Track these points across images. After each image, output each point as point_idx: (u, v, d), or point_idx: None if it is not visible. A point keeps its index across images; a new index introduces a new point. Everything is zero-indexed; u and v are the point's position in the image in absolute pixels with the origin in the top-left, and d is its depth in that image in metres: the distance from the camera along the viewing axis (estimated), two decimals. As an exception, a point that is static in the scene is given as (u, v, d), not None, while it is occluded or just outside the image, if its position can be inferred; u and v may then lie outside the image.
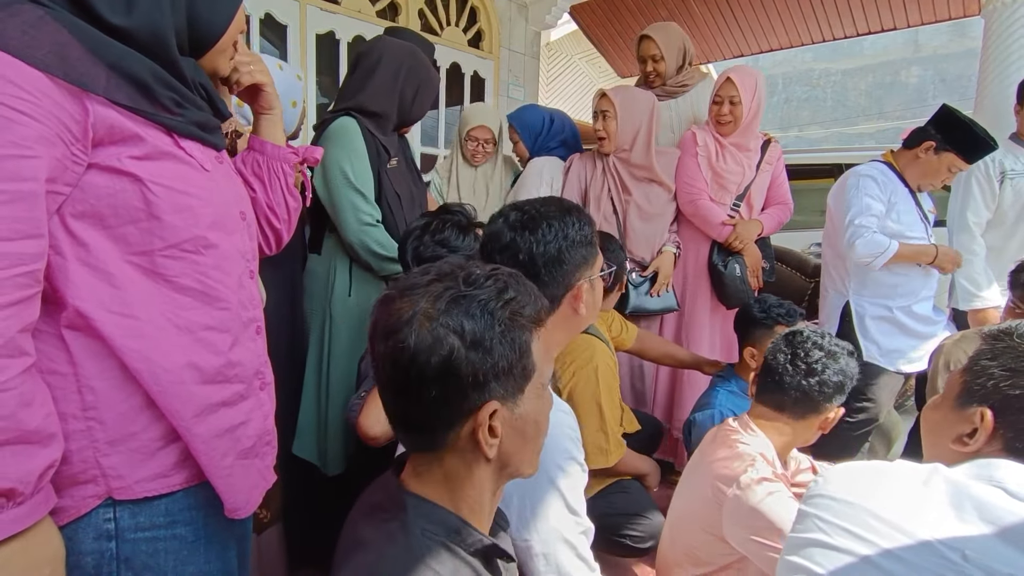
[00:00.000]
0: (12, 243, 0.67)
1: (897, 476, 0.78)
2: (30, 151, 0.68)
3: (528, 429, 0.77)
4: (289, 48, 3.47)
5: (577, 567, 0.98)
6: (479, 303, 0.71)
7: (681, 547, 1.43)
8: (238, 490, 0.88)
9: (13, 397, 0.66)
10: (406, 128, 1.94)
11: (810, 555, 0.76)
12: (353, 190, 1.74)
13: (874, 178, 2.24)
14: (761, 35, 4.79)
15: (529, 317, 0.75)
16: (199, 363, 0.83)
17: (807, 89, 12.40)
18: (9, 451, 0.65)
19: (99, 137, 0.75)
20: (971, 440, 0.82)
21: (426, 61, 1.89)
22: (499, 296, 0.73)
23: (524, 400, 0.75)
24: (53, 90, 0.70)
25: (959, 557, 0.67)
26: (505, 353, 0.71)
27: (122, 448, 0.78)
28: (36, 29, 0.69)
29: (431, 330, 0.69)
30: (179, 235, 0.81)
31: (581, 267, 1.07)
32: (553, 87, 8.04)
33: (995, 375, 0.81)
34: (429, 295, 0.71)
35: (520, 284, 0.77)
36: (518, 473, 0.80)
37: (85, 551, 0.78)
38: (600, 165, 2.48)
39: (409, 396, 0.72)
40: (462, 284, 0.72)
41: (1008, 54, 2.68)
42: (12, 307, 0.67)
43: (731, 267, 2.38)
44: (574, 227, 1.06)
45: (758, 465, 1.30)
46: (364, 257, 1.79)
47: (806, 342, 1.40)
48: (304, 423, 1.83)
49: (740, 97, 2.32)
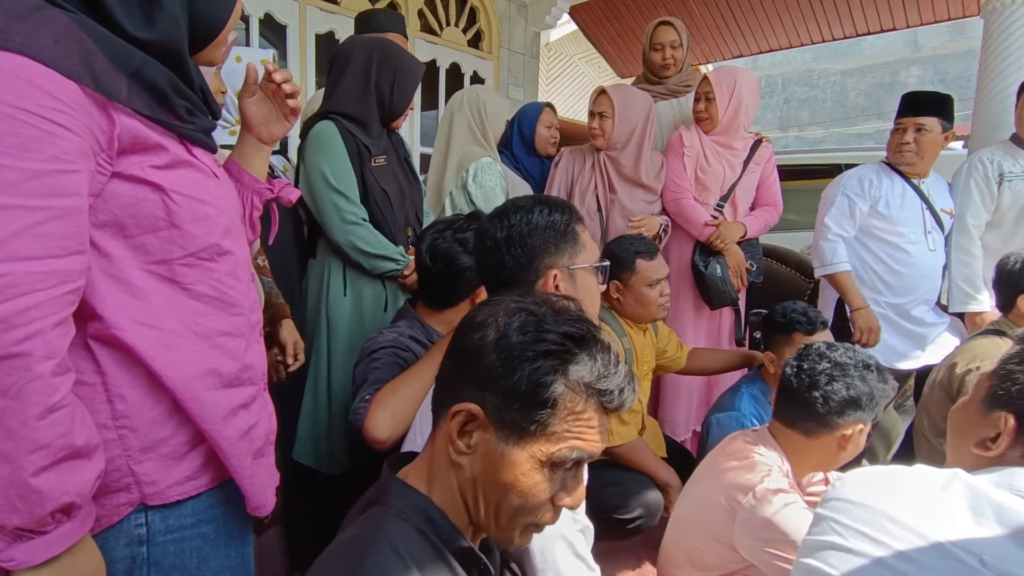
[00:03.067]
0: (61, 260, 0.67)
1: (916, 480, 0.77)
2: (72, 165, 0.68)
3: (503, 475, 0.70)
4: (289, 48, 3.46)
5: (574, 565, 0.98)
6: (539, 326, 0.71)
7: (684, 549, 1.43)
8: (259, 488, 0.90)
9: (68, 414, 0.67)
10: (396, 122, 1.91)
11: (825, 557, 0.76)
12: (334, 191, 1.76)
13: (860, 177, 2.31)
14: (760, 35, 4.79)
15: (579, 380, 0.70)
16: (219, 368, 0.84)
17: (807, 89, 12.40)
18: (66, 467, 0.67)
19: (123, 147, 0.75)
20: (993, 445, 0.81)
21: (397, 49, 1.88)
22: (564, 337, 0.70)
23: (516, 446, 0.70)
24: (85, 101, 0.70)
25: (977, 562, 0.65)
26: (519, 380, 0.69)
27: (153, 454, 0.79)
28: (66, 38, 0.69)
29: (490, 317, 0.73)
30: (197, 243, 0.82)
31: (551, 253, 1.09)
32: (553, 87, 8.03)
33: (1020, 380, 0.79)
34: (520, 298, 0.76)
35: (603, 352, 0.72)
36: (485, 521, 0.74)
37: (117, 558, 0.79)
38: (590, 161, 2.49)
39: (447, 354, 0.78)
40: (548, 308, 0.74)
41: (1007, 54, 2.68)
42: (62, 325, 0.68)
43: (712, 267, 2.39)
44: (541, 214, 1.10)
45: (773, 475, 1.28)
46: (353, 256, 1.79)
47: (812, 353, 1.36)
48: (304, 426, 1.82)
49: (714, 94, 2.34)
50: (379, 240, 1.80)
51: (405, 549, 0.70)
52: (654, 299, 1.91)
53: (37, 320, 0.64)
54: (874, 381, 1.32)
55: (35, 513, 0.64)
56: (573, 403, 0.70)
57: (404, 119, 1.94)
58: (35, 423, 0.64)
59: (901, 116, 2.29)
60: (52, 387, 0.65)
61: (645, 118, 2.41)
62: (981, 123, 2.77)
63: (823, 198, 2.42)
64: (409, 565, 0.69)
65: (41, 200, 0.65)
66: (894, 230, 2.27)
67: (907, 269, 2.28)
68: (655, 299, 1.91)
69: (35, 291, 0.64)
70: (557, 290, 1.09)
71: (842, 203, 2.31)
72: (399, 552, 0.70)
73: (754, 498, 1.25)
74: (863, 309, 2.26)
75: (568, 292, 1.09)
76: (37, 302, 0.64)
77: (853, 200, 2.29)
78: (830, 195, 2.37)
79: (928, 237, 2.28)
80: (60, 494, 0.66)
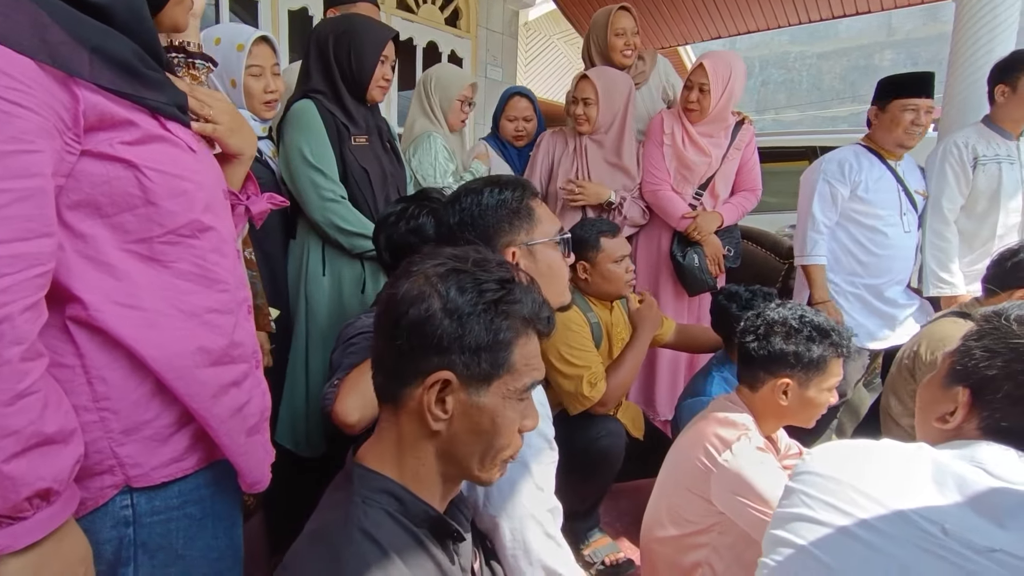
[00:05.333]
0: (28, 243, 0.65)
1: (883, 454, 0.80)
2: (33, 145, 0.65)
3: (483, 423, 0.76)
4: (260, 25, 3.38)
5: (543, 544, 1.00)
6: (474, 280, 0.75)
7: (665, 506, 1.47)
8: (253, 465, 0.90)
9: (39, 399, 0.66)
10: (371, 92, 1.87)
11: (795, 529, 0.78)
12: (312, 168, 1.75)
13: (840, 161, 2.32)
14: (739, 17, 4.79)
15: (520, 315, 0.76)
16: (208, 346, 0.83)
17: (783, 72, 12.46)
18: (39, 453, 0.65)
19: (90, 124, 0.72)
20: (951, 418, 0.84)
21: (356, 20, 1.88)
22: (499, 284, 0.76)
23: (487, 393, 0.76)
24: (43, 77, 0.67)
25: (939, 531, 0.68)
26: (478, 333, 0.73)
27: (137, 436, 0.78)
28: (14, 10, 0.65)
29: (420, 286, 0.74)
30: (176, 220, 0.80)
31: (506, 232, 1.10)
32: (531, 67, 7.96)
33: (976, 355, 0.82)
34: (440, 261, 0.77)
35: (530, 288, 0.79)
36: (469, 471, 0.80)
37: (103, 539, 0.79)
38: (571, 144, 2.48)
39: (385, 339, 0.77)
40: (471, 264, 0.77)
41: (978, 38, 2.72)
42: (31, 310, 0.65)
43: (689, 257, 2.43)
44: (491, 194, 1.10)
45: (751, 435, 1.34)
46: (332, 234, 1.78)
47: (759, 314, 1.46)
48: (284, 408, 1.81)
49: (710, 86, 2.31)
50: (357, 218, 1.79)
51: (376, 533, 0.72)
52: (620, 275, 1.96)
53: (4, 305, 0.62)
54: (784, 314, 1.41)
55: (10, 499, 0.63)
56: (524, 337, 0.77)
57: (382, 91, 1.90)
58: (3, 409, 0.62)
59: (913, 96, 2.24)
60: (21, 373, 0.64)
61: (626, 100, 2.40)
62: (952, 107, 2.82)
63: (803, 184, 2.42)
64: (383, 548, 0.71)
65: (2, 182, 0.63)
66: (873, 212, 2.30)
67: (884, 251, 2.32)
68: (621, 275, 1.96)
69: (2, 275, 0.63)
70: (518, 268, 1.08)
71: (823, 189, 2.32)
72: (371, 536, 0.71)
73: (731, 453, 1.30)
74: (827, 303, 2.31)
75: (530, 269, 1.09)
76: (4, 287, 0.63)
77: (835, 186, 2.30)
78: (810, 181, 2.37)
79: (904, 219, 2.32)
80: (35, 479, 0.65)
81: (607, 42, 2.49)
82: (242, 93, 1.68)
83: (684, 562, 1.41)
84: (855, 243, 2.35)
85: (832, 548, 0.73)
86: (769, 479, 1.24)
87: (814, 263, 2.33)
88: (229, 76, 1.67)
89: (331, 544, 0.71)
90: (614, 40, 2.48)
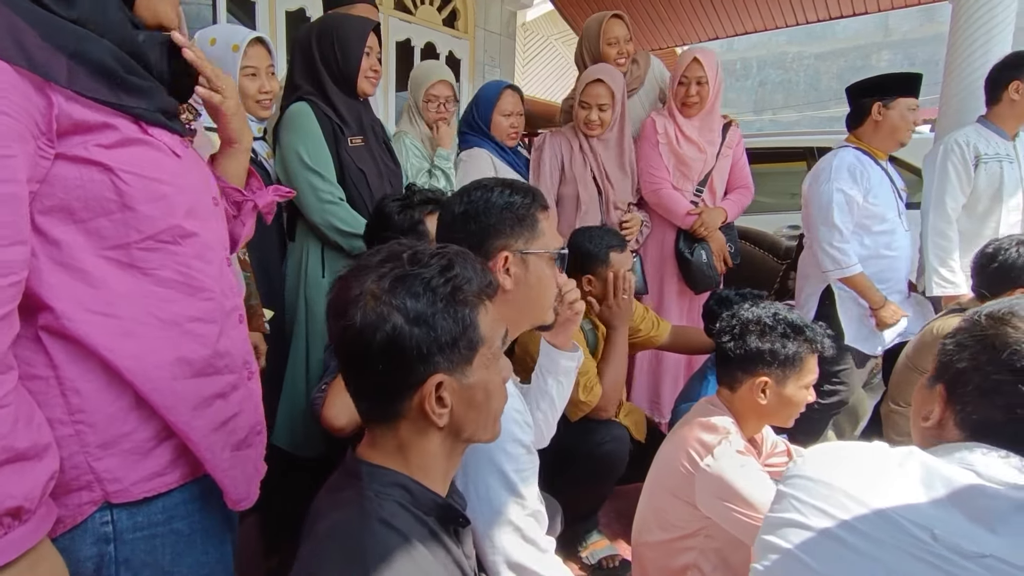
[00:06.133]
0: (1, 250, 0.63)
1: (873, 458, 0.79)
2: (7, 150, 0.64)
3: (478, 397, 0.80)
4: (258, 26, 3.37)
5: (522, 549, 1.00)
6: (422, 281, 0.75)
7: (652, 509, 1.48)
8: (239, 482, 0.87)
9: (10, 414, 0.63)
10: (361, 86, 1.86)
11: (785, 535, 0.78)
12: (309, 171, 1.75)
13: (849, 167, 2.22)
14: (736, 18, 4.79)
15: (473, 291, 0.79)
16: (189, 356, 0.80)
17: (781, 72, 12.48)
18: (10, 470, 0.62)
19: (64, 129, 0.70)
20: (931, 415, 0.84)
21: (338, 17, 1.87)
22: (442, 273, 0.77)
23: (473, 370, 0.79)
24: (20, 82, 0.65)
25: (928, 536, 0.67)
26: (449, 327, 0.75)
27: (115, 450, 0.75)
28: None
29: (375, 308, 0.73)
30: (155, 225, 0.78)
31: (504, 235, 1.09)
32: (529, 68, 7.97)
33: (949, 351, 0.83)
34: (376, 275, 0.75)
35: (465, 260, 0.81)
36: (475, 439, 0.84)
37: (83, 557, 0.76)
38: (576, 145, 2.44)
39: (360, 370, 0.77)
40: (407, 264, 0.77)
41: (974, 39, 2.72)
42: (2, 320, 0.63)
43: (697, 254, 2.42)
44: (501, 195, 1.10)
45: (732, 438, 1.34)
46: (331, 236, 1.78)
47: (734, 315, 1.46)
48: (283, 410, 1.81)
49: (707, 78, 2.33)
50: (356, 219, 1.79)
51: (394, 521, 0.74)
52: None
53: None
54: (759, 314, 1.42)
55: None
56: (482, 308, 0.80)
57: (371, 83, 1.89)
58: None
59: (915, 95, 2.21)
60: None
61: (623, 97, 2.40)
62: (948, 107, 2.82)
63: (812, 196, 2.28)
64: (404, 535, 0.74)
65: None
66: (880, 215, 2.23)
67: (894, 252, 2.27)
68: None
69: None
70: (507, 273, 1.08)
71: (840, 199, 2.18)
72: (391, 525, 0.73)
73: (712, 457, 1.31)
74: (887, 304, 2.18)
75: (518, 277, 1.09)
76: None
77: (849, 195, 2.19)
78: (822, 193, 2.21)
79: (902, 217, 2.30)
80: (5, 497, 0.61)
81: (600, 51, 2.47)
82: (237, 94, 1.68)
83: (673, 565, 1.41)
84: (865, 248, 2.25)
85: (821, 553, 0.73)
86: (751, 482, 1.24)
87: (853, 273, 2.18)
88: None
89: (351, 538, 0.72)
90: (607, 50, 2.46)
